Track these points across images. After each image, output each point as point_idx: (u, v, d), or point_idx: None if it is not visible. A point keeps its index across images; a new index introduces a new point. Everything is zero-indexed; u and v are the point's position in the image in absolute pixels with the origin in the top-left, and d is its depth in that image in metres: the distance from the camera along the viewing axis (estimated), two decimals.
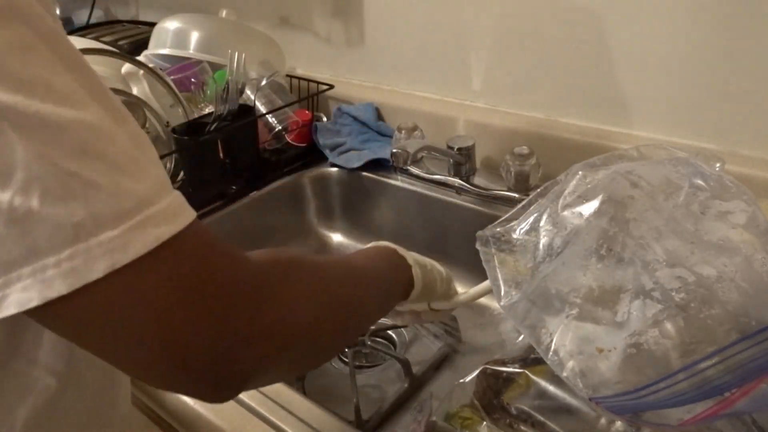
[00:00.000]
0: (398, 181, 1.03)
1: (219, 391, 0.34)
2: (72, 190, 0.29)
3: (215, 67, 1.12)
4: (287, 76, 1.20)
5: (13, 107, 0.28)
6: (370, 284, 0.52)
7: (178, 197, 0.33)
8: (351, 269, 0.50)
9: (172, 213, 0.32)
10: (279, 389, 0.62)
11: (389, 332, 0.87)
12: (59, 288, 0.29)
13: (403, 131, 1.01)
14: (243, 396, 0.62)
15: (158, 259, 0.31)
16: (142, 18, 1.58)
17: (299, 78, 1.18)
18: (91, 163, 0.30)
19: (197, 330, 0.32)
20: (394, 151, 0.86)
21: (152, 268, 0.31)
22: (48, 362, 0.43)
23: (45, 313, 0.30)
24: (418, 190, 1.00)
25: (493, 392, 0.56)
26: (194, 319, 0.31)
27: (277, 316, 0.35)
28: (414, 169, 1.02)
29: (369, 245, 0.61)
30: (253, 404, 0.61)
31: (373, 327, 0.85)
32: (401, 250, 0.60)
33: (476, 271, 0.62)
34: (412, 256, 0.61)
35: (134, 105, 1.00)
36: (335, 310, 0.42)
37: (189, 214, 0.33)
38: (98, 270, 0.29)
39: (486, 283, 0.60)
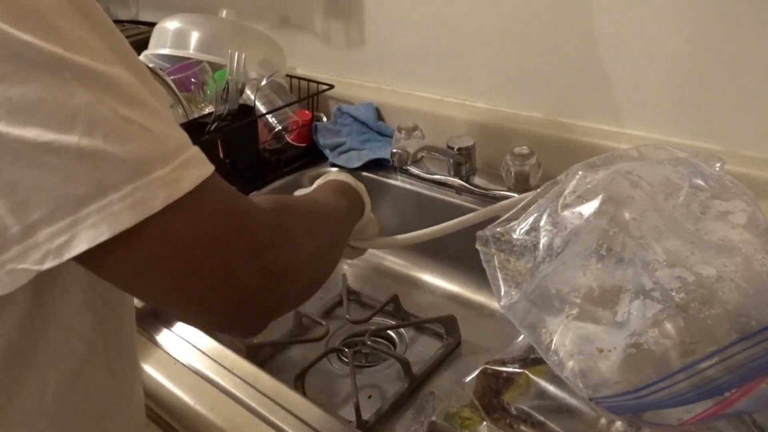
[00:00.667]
0: (398, 181, 1.03)
1: (253, 322, 0.38)
2: (129, 131, 0.32)
3: (215, 67, 1.12)
4: (287, 76, 1.20)
5: (70, 59, 0.31)
6: (341, 219, 0.59)
7: (199, 150, 0.37)
8: (326, 208, 0.57)
9: (202, 159, 0.36)
10: (279, 389, 0.62)
11: (389, 332, 0.87)
12: (126, 221, 0.31)
13: (403, 131, 1.01)
14: (243, 396, 0.62)
15: (203, 195, 0.35)
16: (142, 18, 1.58)
17: (299, 78, 1.18)
18: (138, 110, 0.34)
19: (240, 262, 0.35)
20: (395, 151, 0.86)
21: (200, 202, 0.34)
22: (75, 327, 0.44)
23: (104, 253, 0.32)
24: (418, 190, 1.00)
25: (493, 392, 0.56)
26: (236, 252, 0.35)
27: (291, 253, 0.40)
28: (414, 169, 1.02)
29: (326, 178, 0.68)
30: (253, 404, 0.61)
31: (373, 327, 0.85)
32: (354, 183, 0.67)
33: (476, 271, 0.62)
34: (362, 188, 0.67)
35: None
36: (323, 243, 0.49)
37: (210, 165, 0.37)
38: (158, 203, 0.32)
39: (405, 236, 0.68)
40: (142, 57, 1.12)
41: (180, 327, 0.71)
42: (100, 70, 0.32)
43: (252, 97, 1.06)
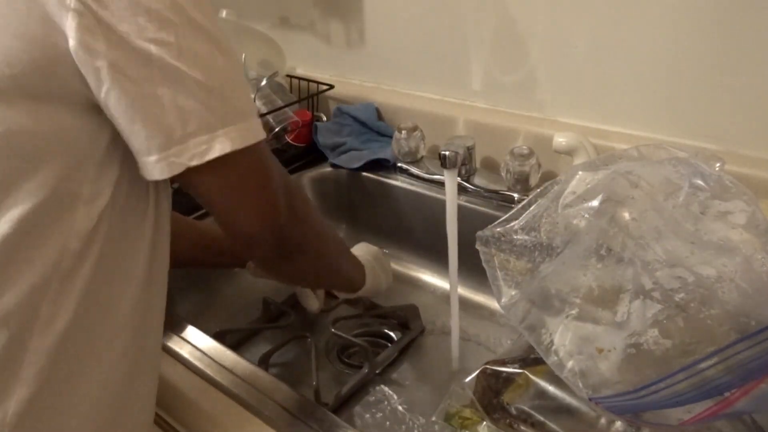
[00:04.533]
0: (398, 181, 1.03)
1: (276, 243, 0.53)
2: (242, 90, 0.49)
3: None
4: (287, 76, 1.20)
5: (216, 36, 0.46)
6: (349, 267, 0.76)
7: None
8: (340, 245, 0.75)
9: (260, 124, 0.50)
10: (278, 388, 0.62)
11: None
12: (242, 142, 0.46)
13: (403, 131, 1.01)
14: (244, 396, 0.62)
15: (263, 145, 0.50)
16: None
17: (299, 78, 1.18)
18: (244, 81, 0.52)
19: (281, 197, 0.52)
20: (444, 153, 0.76)
21: (266, 149, 0.51)
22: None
23: (218, 166, 0.46)
24: (418, 190, 1.00)
25: (492, 392, 0.56)
26: (280, 195, 0.52)
27: (307, 230, 0.59)
28: (414, 169, 1.02)
29: (356, 251, 0.84)
30: (253, 403, 0.61)
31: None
32: (367, 269, 0.81)
33: (477, 271, 0.62)
34: (370, 278, 0.81)
35: None
36: (326, 257, 0.68)
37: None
38: (254, 138, 0.48)
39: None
40: None
41: (181, 328, 0.71)
42: (228, 47, 0.47)
43: (252, 97, 1.06)
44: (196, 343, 0.69)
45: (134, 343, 0.52)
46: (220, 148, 0.45)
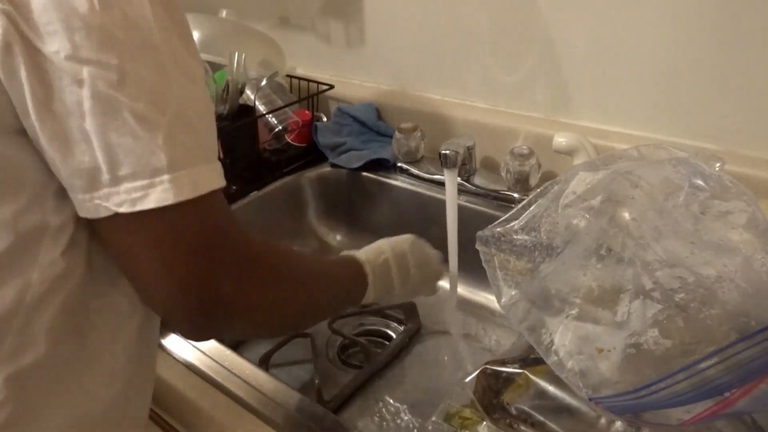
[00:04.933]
0: (398, 181, 1.03)
1: (193, 325, 0.43)
2: (199, 128, 0.41)
3: (215, 67, 1.12)
4: (287, 76, 1.20)
5: (180, 56, 0.40)
6: (329, 293, 0.59)
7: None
8: (318, 278, 0.57)
9: (220, 170, 0.43)
10: (278, 388, 0.62)
11: (386, 330, 0.88)
12: (191, 191, 0.39)
13: (403, 131, 1.01)
14: (244, 396, 0.62)
15: (217, 196, 0.42)
16: None
17: (299, 78, 1.18)
18: (208, 115, 0.43)
19: (214, 273, 0.41)
20: (444, 153, 0.76)
21: (222, 201, 0.43)
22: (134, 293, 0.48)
23: (147, 218, 0.38)
24: (418, 190, 1.00)
25: (493, 392, 0.56)
26: (216, 263, 0.41)
27: (255, 295, 0.44)
28: (414, 169, 1.02)
29: (341, 255, 0.68)
30: (252, 403, 0.61)
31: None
32: (367, 266, 0.65)
33: (477, 271, 0.62)
34: (374, 270, 0.66)
35: None
36: (293, 309, 0.51)
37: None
38: (206, 187, 0.40)
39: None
40: None
41: None
42: (194, 75, 0.41)
43: (252, 97, 1.06)
44: (198, 344, 0.69)
45: (125, 369, 0.49)
46: (158, 198, 0.38)
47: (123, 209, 0.38)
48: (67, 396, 0.45)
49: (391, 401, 0.75)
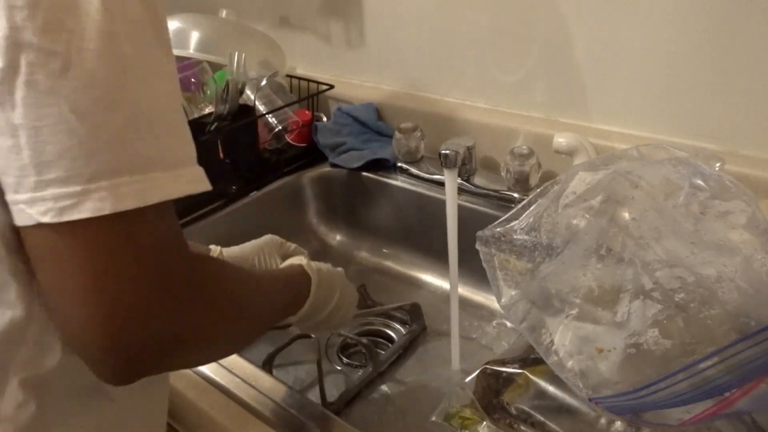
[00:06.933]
0: (398, 181, 1.03)
1: (120, 366, 0.37)
2: (169, 125, 0.36)
3: (215, 67, 1.12)
4: (287, 76, 1.20)
5: (141, 46, 0.35)
6: (270, 305, 0.55)
7: (198, 170, 0.40)
8: (258, 292, 0.52)
9: (197, 178, 0.39)
10: (277, 388, 0.62)
11: (387, 331, 0.88)
12: (129, 203, 0.34)
13: (403, 131, 1.01)
14: (246, 397, 0.62)
15: (168, 209, 0.37)
16: None
17: (299, 78, 1.18)
18: (180, 117, 0.38)
19: (158, 301, 0.36)
20: (444, 153, 0.76)
21: (167, 215, 0.37)
22: None
23: (78, 230, 0.33)
24: (418, 190, 1.00)
25: (493, 392, 0.56)
26: (153, 290, 0.36)
27: (195, 322, 0.39)
28: (414, 169, 1.02)
29: (286, 263, 0.66)
30: (252, 404, 0.61)
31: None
32: (313, 274, 0.62)
33: (477, 271, 0.62)
34: (319, 279, 0.62)
35: None
36: (237, 326, 0.46)
37: (205, 185, 0.39)
38: (157, 197, 0.35)
39: None
40: None
41: None
42: (163, 69, 0.37)
43: (252, 97, 1.06)
44: None
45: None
46: (92, 207, 0.33)
47: (47, 219, 0.33)
48: (86, 399, 0.43)
49: (394, 401, 0.75)
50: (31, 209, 0.33)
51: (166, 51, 0.37)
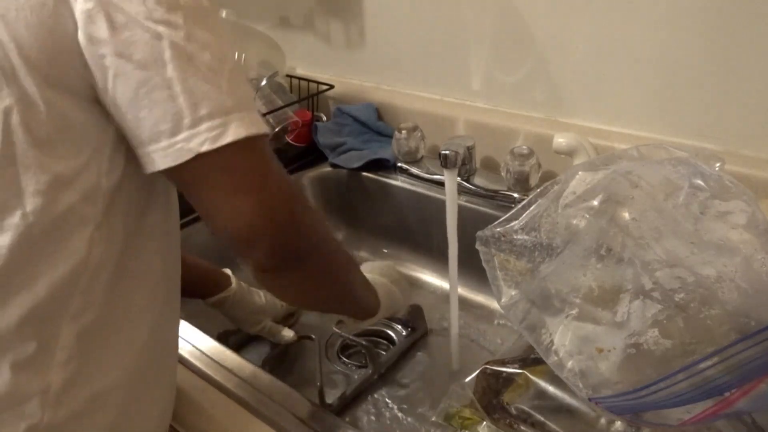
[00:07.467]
0: (398, 181, 1.03)
1: (277, 254, 0.47)
2: (245, 78, 0.46)
3: None
4: (287, 76, 1.20)
5: (220, 22, 0.47)
6: (362, 291, 0.66)
7: None
8: (360, 276, 0.66)
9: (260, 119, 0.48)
10: (277, 387, 0.62)
11: (388, 332, 0.88)
12: (256, 129, 0.45)
13: (403, 131, 1.01)
14: (246, 397, 0.62)
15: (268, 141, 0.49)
16: None
17: (299, 78, 1.18)
18: (241, 68, 0.51)
19: (282, 204, 0.47)
20: (444, 153, 0.76)
21: (269, 144, 0.49)
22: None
23: (223, 154, 0.43)
24: (418, 190, 1.00)
25: (493, 392, 0.56)
26: (283, 195, 0.47)
27: (321, 235, 0.52)
28: (414, 169, 1.02)
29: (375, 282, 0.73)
30: (252, 403, 0.61)
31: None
32: (382, 293, 0.71)
33: (477, 271, 0.62)
34: (387, 302, 0.71)
35: None
36: (337, 281, 0.59)
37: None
38: (264, 128, 0.46)
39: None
40: None
41: (184, 329, 0.71)
42: (229, 38, 0.47)
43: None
44: (198, 344, 0.69)
45: (153, 337, 0.53)
46: (235, 132, 0.43)
47: (205, 147, 0.43)
48: (117, 354, 0.50)
49: (393, 403, 0.75)
50: (190, 143, 0.43)
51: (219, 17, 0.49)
